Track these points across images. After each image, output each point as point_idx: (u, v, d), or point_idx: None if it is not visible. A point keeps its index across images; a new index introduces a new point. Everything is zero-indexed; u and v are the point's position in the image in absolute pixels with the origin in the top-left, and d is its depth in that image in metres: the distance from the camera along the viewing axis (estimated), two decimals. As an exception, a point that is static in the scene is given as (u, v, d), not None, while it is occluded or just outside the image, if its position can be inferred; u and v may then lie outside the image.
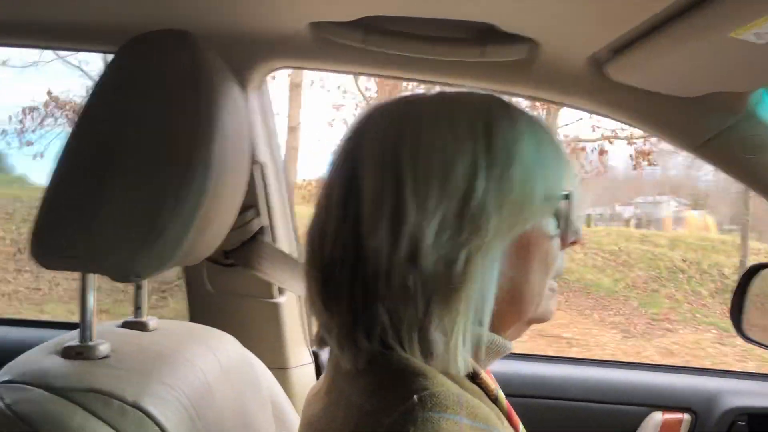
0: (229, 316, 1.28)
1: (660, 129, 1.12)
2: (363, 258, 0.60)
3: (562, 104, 1.16)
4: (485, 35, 0.99)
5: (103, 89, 0.75)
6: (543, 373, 1.42)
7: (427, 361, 0.60)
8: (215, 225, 0.82)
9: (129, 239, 0.68)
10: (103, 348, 0.73)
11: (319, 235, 0.64)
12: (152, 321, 0.91)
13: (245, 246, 1.23)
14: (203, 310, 1.31)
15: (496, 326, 0.65)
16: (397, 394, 0.56)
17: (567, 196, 0.66)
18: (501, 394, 0.67)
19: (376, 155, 0.62)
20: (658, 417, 1.36)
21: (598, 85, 1.06)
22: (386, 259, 0.59)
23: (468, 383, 0.64)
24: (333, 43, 1.03)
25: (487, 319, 0.62)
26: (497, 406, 0.66)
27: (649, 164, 7.78)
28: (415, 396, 0.54)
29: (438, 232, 0.59)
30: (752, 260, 7.53)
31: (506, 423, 0.65)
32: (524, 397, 1.37)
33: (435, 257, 0.59)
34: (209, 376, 0.82)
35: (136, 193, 0.69)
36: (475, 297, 0.60)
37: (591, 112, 1.16)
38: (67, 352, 0.72)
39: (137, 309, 0.92)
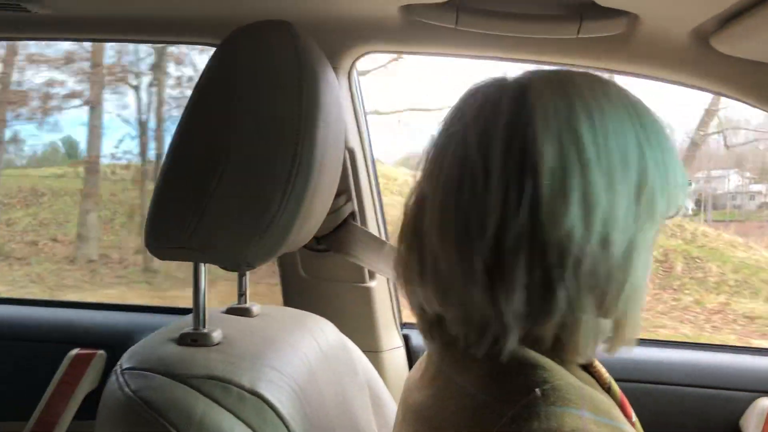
0: (321, 301, 1.31)
1: (771, 102, 1.06)
2: (541, 243, 0.55)
3: (663, 80, 1.11)
4: (582, 10, 0.96)
5: (210, 80, 0.76)
6: (644, 357, 1.38)
7: (565, 350, 0.59)
8: (317, 211, 0.83)
9: (240, 229, 0.69)
10: (216, 335, 0.74)
11: (476, 216, 0.57)
12: (255, 307, 0.92)
13: (337, 231, 1.24)
14: (297, 295, 1.33)
15: None
16: (516, 386, 0.54)
17: (690, 184, 0.65)
18: (614, 383, 0.65)
19: (552, 133, 0.56)
20: (764, 403, 1.30)
21: (702, 58, 1.02)
22: (577, 246, 0.55)
23: (582, 373, 0.62)
24: (424, 26, 1.02)
25: (641, 306, 0.60)
26: (610, 396, 0.64)
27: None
28: (537, 389, 0.53)
29: (625, 217, 0.56)
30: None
31: (619, 413, 0.63)
32: (624, 381, 1.33)
33: (620, 243, 0.56)
34: (312, 361, 0.83)
35: (246, 183, 0.70)
36: (640, 284, 0.59)
37: (693, 87, 1.11)
38: (183, 339, 0.74)
39: (241, 295, 0.94)
